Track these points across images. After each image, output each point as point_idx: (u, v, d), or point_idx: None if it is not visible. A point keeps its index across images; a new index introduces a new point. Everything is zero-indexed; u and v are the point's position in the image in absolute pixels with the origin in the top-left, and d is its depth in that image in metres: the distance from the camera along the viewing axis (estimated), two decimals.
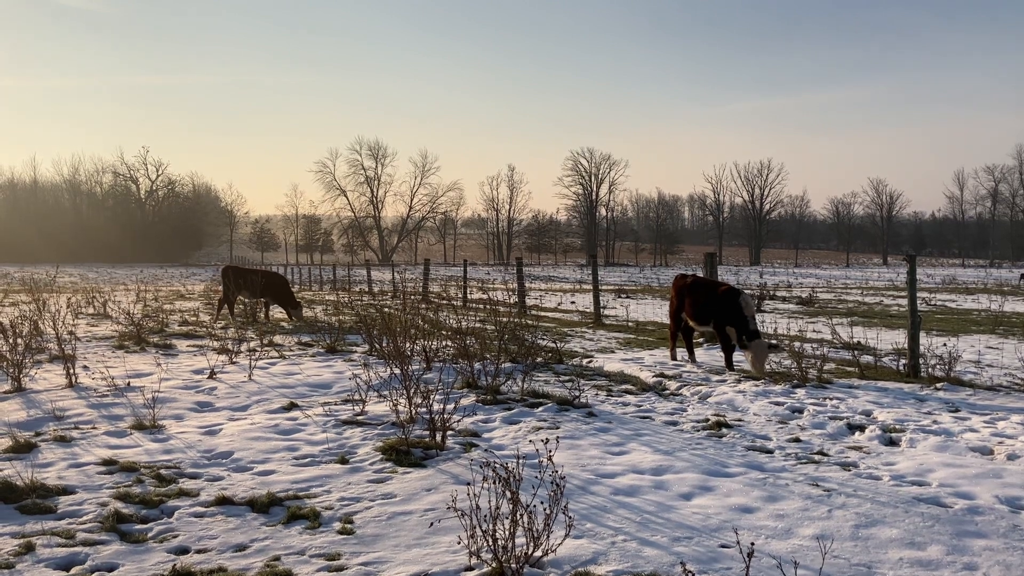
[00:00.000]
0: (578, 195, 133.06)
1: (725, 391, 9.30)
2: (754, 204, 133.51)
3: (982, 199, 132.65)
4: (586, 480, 5.87)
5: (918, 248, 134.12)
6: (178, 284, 46.95)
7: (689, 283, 11.56)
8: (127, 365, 10.54)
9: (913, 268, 10.64)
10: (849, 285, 46.22)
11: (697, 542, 4.69)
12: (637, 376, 10.41)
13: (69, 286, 34.64)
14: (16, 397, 8.45)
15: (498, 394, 8.86)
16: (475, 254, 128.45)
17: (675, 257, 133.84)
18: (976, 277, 58.22)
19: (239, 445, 6.75)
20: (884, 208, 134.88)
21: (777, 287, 37.29)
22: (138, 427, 7.25)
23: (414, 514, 5.17)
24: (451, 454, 6.56)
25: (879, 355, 11.46)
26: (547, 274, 69.62)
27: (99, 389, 8.87)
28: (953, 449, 6.82)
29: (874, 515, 5.15)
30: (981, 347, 13.76)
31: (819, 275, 66.99)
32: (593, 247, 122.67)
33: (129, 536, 4.75)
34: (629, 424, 7.74)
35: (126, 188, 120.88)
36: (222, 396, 8.80)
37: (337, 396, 8.95)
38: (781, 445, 6.99)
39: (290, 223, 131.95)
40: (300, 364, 11.04)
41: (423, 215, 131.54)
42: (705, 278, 12.28)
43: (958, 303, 27.81)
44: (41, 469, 5.89)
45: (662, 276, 65.20)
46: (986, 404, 8.65)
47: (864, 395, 9.04)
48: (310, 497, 5.50)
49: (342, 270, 49.86)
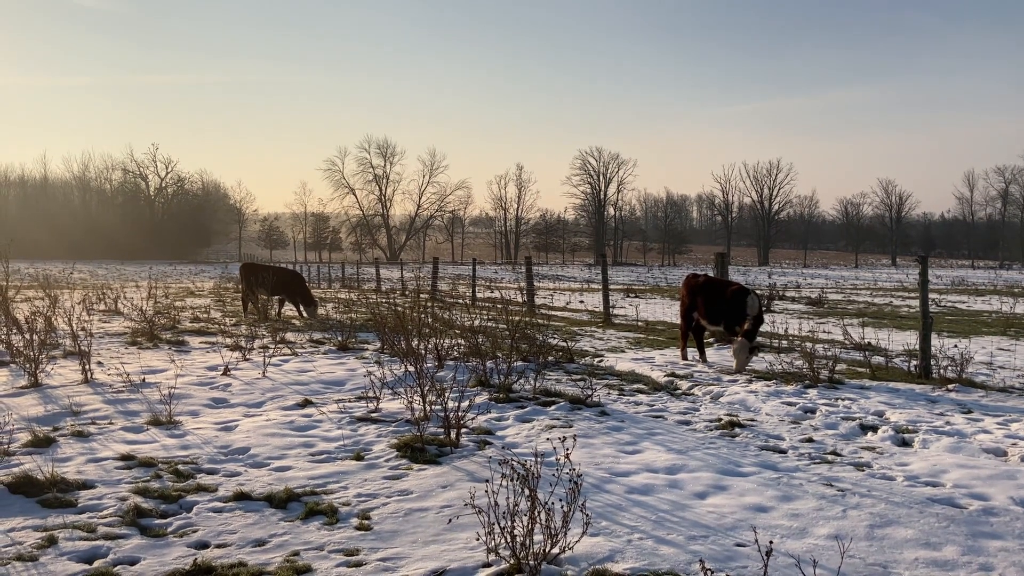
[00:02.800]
0: (586, 194, 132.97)
1: (737, 391, 9.31)
2: (763, 204, 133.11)
3: (992, 200, 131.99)
4: (601, 479, 5.90)
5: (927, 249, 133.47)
6: (187, 281, 47.06)
7: (701, 283, 11.58)
8: (141, 361, 10.61)
9: (925, 269, 10.63)
10: (858, 286, 46.08)
11: (713, 541, 4.72)
12: (648, 375, 10.43)
13: (79, 282, 34.81)
14: (33, 392, 8.52)
15: (510, 392, 8.89)
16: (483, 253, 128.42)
17: (683, 257, 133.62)
18: (986, 278, 57.97)
19: (255, 441, 6.80)
20: (893, 209, 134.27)
21: (786, 287, 37.23)
22: (154, 423, 7.31)
23: (431, 511, 5.20)
24: (465, 451, 6.60)
25: (890, 356, 11.45)
26: (555, 273, 69.62)
27: (114, 385, 8.93)
28: (966, 450, 6.83)
29: (889, 515, 5.17)
30: (992, 349, 13.73)
31: (828, 276, 66.79)
32: (601, 246, 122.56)
33: (149, 530, 4.81)
34: (642, 423, 7.76)
35: (136, 185, 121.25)
36: (237, 393, 8.85)
37: (351, 393, 9.00)
38: (794, 445, 7.01)
39: (299, 221, 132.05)
40: (313, 361, 11.09)
41: (431, 214, 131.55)
42: (716, 278, 12.29)
43: (968, 304, 27.72)
44: (61, 463, 5.95)
45: (670, 276, 65.14)
46: (998, 406, 8.64)
47: (876, 396, 9.05)
48: (327, 493, 5.55)
49: (351, 268, 49.97)
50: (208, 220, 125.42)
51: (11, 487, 5.38)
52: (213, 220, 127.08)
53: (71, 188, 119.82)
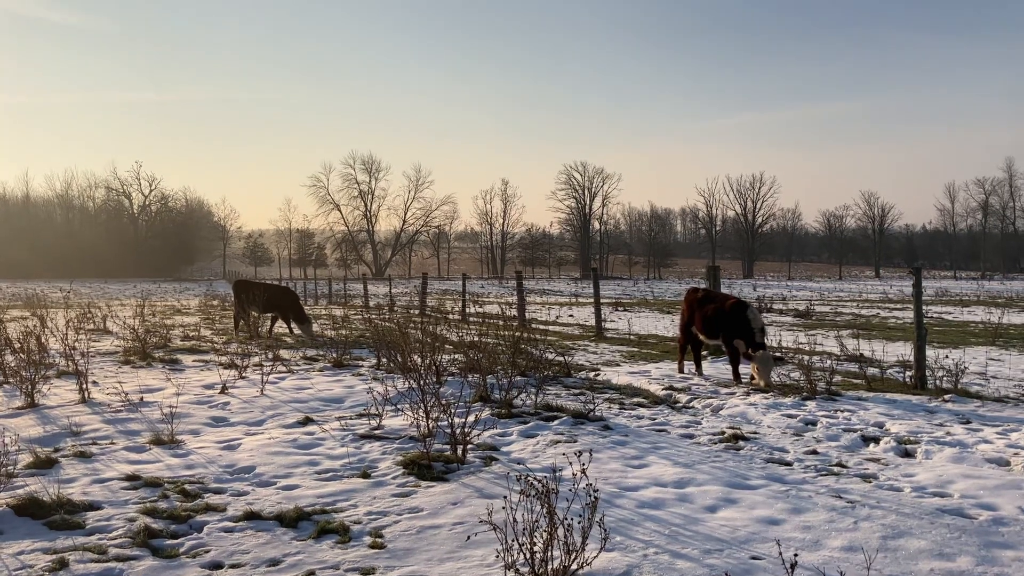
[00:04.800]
0: (571, 208, 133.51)
1: (736, 403, 9.34)
2: (746, 217, 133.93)
3: (973, 211, 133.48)
4: (610, 493, 5.89)
5: (910, 260, 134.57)
6: (172, 299, 46.79)
7: (699, 297, 11.65)
8: (136, 380, 10.53)
9: (919, 280, 10.72)
10: (843, 298, 46.35)
11: (728, 554, 4.72)
12: (647, 389, 10.45)
13: (62, 301, 34.50)
14: (30, 413, 8.44)
15: (512, 408, 8.88)
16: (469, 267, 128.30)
17: (668, 270, 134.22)
18: (969, 289, 58.39)
19: (260, 460, 6.76)
20: (876, 221, 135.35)
21: (772, 300, 37.37)
22: (156, 442, 7.25)
23: (443, 528, 5.18)
24: (472, 468, 6.58)
25: (884, 367, 11.52)
26: (541, 287, 69.60)
27: (112, 404, 8.86)
28: (970, 460, 6.87)
29: (900, 526, 5.19)
30: (983, 359, 13.85)
31: (812, 288, 67.15)
32: (587, 260, 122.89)
33: (161, 551, 4.76)
34: (646, 437, 7.77)
35: (119, 203, 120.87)
36: (236, 411, 8.80)
37: (351, 410, 8.96)
38: (799, 457, 7.03)
39: (283, 237, 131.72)
40: (310, 379, 11.04)
41: (417, 229, 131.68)
42: (714, 292, 12.36)
43: (954, 315, 27.94)
44: (65, 485, 5.89)
45: (656, 289, 65.36)
46: (996, 415, 8.71)
47: (874, 407, 9.10)
48: (337, 511, 5.52)
49: (337, 284, 49.81)
50: (192, 237, 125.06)
51: (17, 509, 5.32)
52: (197, 237, 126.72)
53: (53, 206, 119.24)
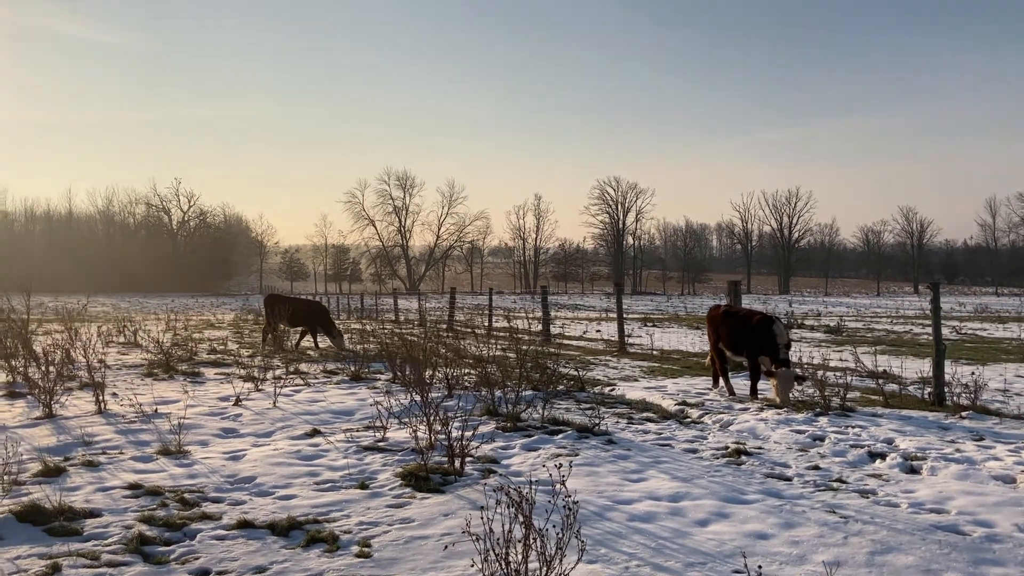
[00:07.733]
0: (605, 224, 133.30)
1: (747, 419, 9.28)
2: (783, 232, 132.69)
3: (1015, 227, 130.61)
4: (603, 506, 5.90)
5: (950, 277, 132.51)
6: (208, 314, 47.46)
7: (722, 313, 11.59)
8: (155, 392, 10.73)
9: (937, 296, 10.59)
10: (879, 314, 45.68)
11: (710, 567, 4.71)
12: (659, 404, 10.42)
13: (101, 315, 35.21)
14: (47, 423, 8.65)
15: (518, 421, 8.91)
16: (502, 282, 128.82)
17: (703, 286, 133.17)
18: (1010, 306, 57.21)
19: (262, 470, 6.87)
20: (915, 236, 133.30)
21: (806, 316, 37.02)
22: (164, 452, 7.39)
23: (431, 538, 5.23)
24: (469, 480, 6.62)
25: (904, 383, 11.37)
26: (574, 303, 69.55)
27: (127, 415, 9.04)
28: (975, 477, 6.77)
29: (890, 542, 5.14)
30: (1009, 376, 13.59)
31: (849, 304, 66.26)
32: (620, 276, 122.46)
33: (152, 558, 4.87)
34: (648, 451, 7.76)
35: (158, 219, 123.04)
36: (247, 422, 8.94)
37: (360, 423, 9.06)
38: (800, 472, 6.98)
39: (319, 253, 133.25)
40: (324, 392, 11.17)
41: (450, 244, 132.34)
42: (738, 307, 12.27)
43: (989, 332, 27.42)
44: (69, 492, 6.04)
45: (689, 305, 64.88)
46: (1012, 433, 8.56)
47: (887, 423, 8.99)
48: (329, 521, 5.59)
49: (369, 299, 50.21)
50: (230, 253, 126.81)
51: (19, 516, 5.47)
52: (235, 252, 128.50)
53: (95, 222, 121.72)
